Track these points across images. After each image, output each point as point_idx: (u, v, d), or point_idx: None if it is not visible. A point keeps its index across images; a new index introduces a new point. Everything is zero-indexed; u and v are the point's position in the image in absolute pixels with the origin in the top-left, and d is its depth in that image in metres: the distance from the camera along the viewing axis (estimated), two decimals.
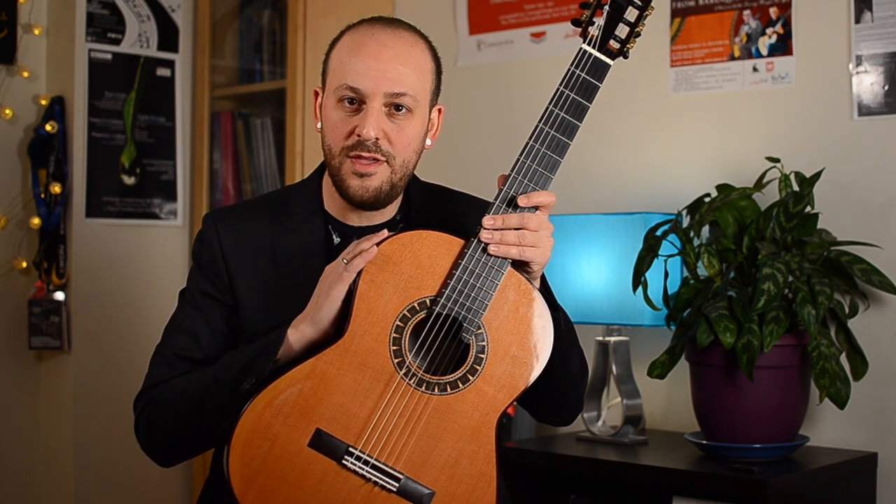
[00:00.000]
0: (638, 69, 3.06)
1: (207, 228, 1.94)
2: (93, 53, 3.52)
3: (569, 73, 1.77)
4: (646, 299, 2.63)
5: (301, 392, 1.69)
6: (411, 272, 1.73)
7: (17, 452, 3.50)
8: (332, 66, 1.89)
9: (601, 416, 2.90)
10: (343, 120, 1.85)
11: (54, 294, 3.45)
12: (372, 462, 1.70)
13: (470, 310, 1.72)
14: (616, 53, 1.79)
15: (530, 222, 1.74)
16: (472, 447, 1.72)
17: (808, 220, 2.63)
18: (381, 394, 1.70)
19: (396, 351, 1.71)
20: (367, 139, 1.82)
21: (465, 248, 1.73)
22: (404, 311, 1.72)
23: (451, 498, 1.71)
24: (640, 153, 3.07)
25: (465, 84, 3.40)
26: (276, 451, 1.68)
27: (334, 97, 1.86)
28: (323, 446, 1.69)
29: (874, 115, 2.72)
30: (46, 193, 3.46)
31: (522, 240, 1.73)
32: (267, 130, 3.64)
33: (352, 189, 1.86)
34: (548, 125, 1.76)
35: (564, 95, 1.77)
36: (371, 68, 1.83)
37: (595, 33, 1.78)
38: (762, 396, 2.52)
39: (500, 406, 1.74)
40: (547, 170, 1.76)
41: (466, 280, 1.72)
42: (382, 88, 1.82)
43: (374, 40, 1.85)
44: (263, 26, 3.66)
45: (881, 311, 2.69)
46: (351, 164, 1.84)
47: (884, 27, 2.71)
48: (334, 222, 1.94)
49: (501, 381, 1.74)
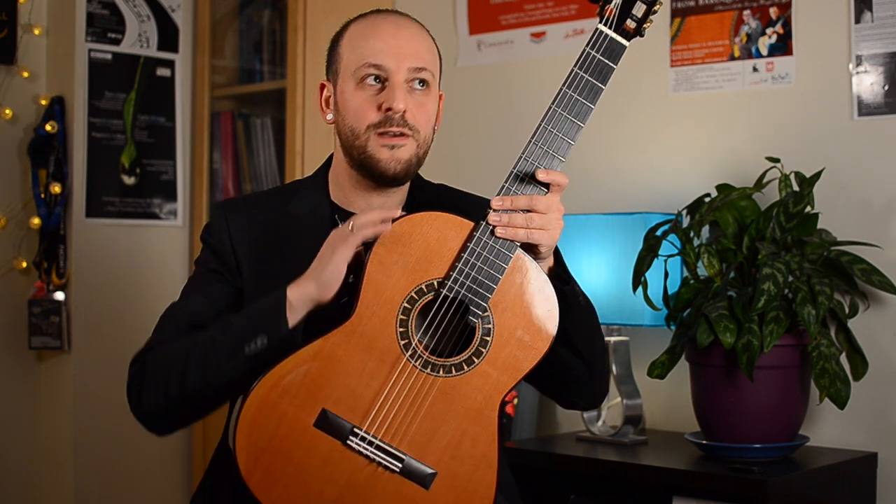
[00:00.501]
0: (638, 69, 3.06)
1: (216, 216, 1.98)
2: (93, 53, 3.52)
3: (584, 53, 1.76)
4: (646, 299, 2.63)
5: (308, 372, 1.70)
6: (420, 254, 1.73)
7: (17, 452, 3.50)
8: (343, 54, 1.91)
9: (601, 416, 2.90)
10: (367, 99, 1.87)
11: (54, 294, 3.45)
12: (376, 443, 1.71)
13: (477, 293, 1.73)
14: (633, 34, 1.78)
15: (539, 204, 1.73)
16: (475, 429, 1.73)
17: (808, 220, 2.63)
18: (387, 375, 1.71)
19: (403, 333, 1.72)
20: (397, 111, 1.85)
21: (475, 230, 1.73)
22: (412, 292, 1.73)
23: (452, 478, 1.72)
24: (640, 153, 3.07)
25: (465, 84, 3.40)
26: (283, 431, 1.69)
27: (353, 80, 1.88)
28: (328, 426, 1.70)
29: (874, 115, 2.72)
30: (46, 193, 3.46)
31: (530, 222, 1.73)
32: (267, 130, 3.64)
33: (383, 162, 1.88)
34: (561, 106, 1.76)
35: (579, 76, 1.76)
36: (391, 45, 1.87)
37: (613, 11, 1.76)
38: (762, 396, 2.52)
39: (503, 388, 1.75)
40: (558, 153, 1.76)
41: (474, 263, 1.72)
42: (405, 64, 1.87)
43: (388, 22, 1.90)
44: (263, 26, 3.66)
45: (881, 311, 2.69)
46: (379, 139, 1.87)
47: (884, 27, 2.71)
48: (342, 212, 1.96)
49: (506, 363, 1.74)
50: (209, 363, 1.77)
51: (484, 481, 1.73)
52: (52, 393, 3.51)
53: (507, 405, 3.03)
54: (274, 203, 1.98)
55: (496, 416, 1.75)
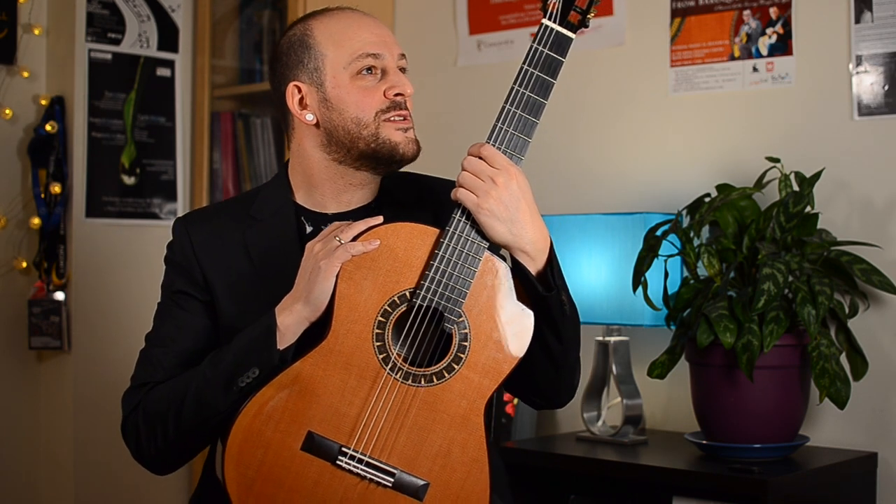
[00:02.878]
0: (638, 69, 3.06)
1: (177, 231, 1.96)
2: (93, 53, 3.51)
3: (531, 49, 1.77)
4: (646, 299, 2.63)
5: (289, 396, 1.70)
6: (389, 266, 1.73)
7: (17, 452, 3.50)
8: (326, 52, 1.89)
9: (601, 416, 2.90)
10: (368, 89, 1.88)
11: (54, 294, 3.45)
12: (366, 460, 1.70)
13: (450, 299, 1.72)
14: (578, 25, 1.78)
15: (469, 163, 1.75)
16: (463, 435, 1.73)
17: (808, 220, 2.63)
18: (368, 391, 1.71)
19: (380, 347, 1.72)
20: (409, 95, 1.89)
21: (441, 237, 1.73)
22: (385, 305, 1.72)
23: (445, 487, 1.72)
24: (640, 153, 3.07)
25: (465, 84, 3.40)
26: (270, 458, 1.69)
27: (348, 73, 1.88)
28: (316, 448, 1.70)
29: (874, 115, 2.72)
30: (46, 193, 3.46)
31: (459, 178, 1.75)
32: (267, 130, 3.64)
33: (401, 145, 1.89)
34: (514, 105, 1.78)
35: (528, 73, 1.77)
36: (377, 35, 1.90)
37: (556, 5, 1.77)
38: (762, 396, 2.52)
39: (486, 392, 1.74)
40: (516, 151, 1.77)
41: (444, 270, 1.72)
42: (395, 51, 1.91)
43: (360, 15, 1.93)
44: (263, 26, 3.66)
45: (881, 311, 2.69)
46: (392, 124, 1.88)
47: (884, 27, 2.71)
48: (306, 213, 1.94)
49: (486, 366, 1.74)
50: (204, 402, 1.77)
51: (477, 486, 1.73)
52: (52, 393, 3.51)
53: (507, 405, 3.04)
54: (234, 210, 1.96)
55: (482, 421, 1.74)
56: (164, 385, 1.84)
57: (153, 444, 1.84)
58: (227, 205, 2.03)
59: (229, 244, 1.91)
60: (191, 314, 1.90)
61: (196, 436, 1.81)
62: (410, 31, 3.50)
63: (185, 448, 1.85)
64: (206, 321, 1.90)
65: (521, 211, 1.74)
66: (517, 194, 1.74)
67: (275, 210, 1.94)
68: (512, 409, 3.02)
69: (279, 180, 1.99)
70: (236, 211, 1.96)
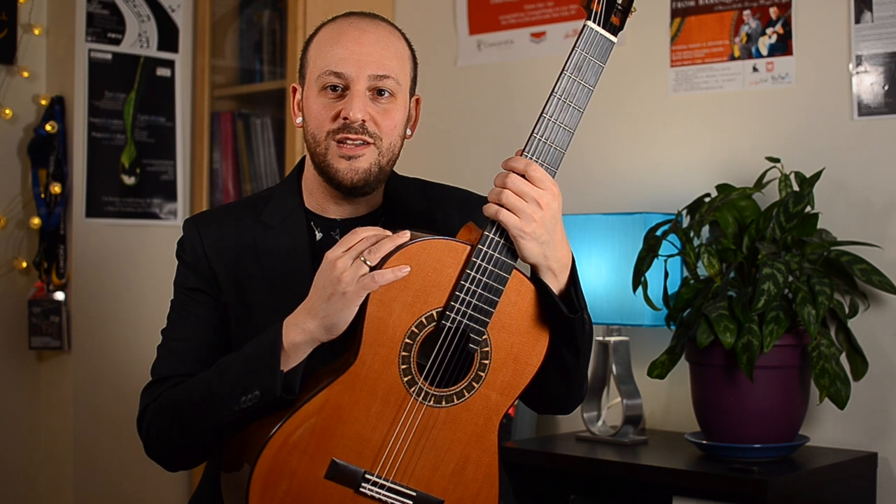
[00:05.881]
0: (638, 69, 3.06)
1: (188, 231, 1.94)
2: (93, 53, 3.51)
3: (574, 54, 1.71)
4: (646, 299, 2.63)
5: (315, 426, 1.67)
6: (419, 286, 1.69)
7: (17, 452, 3.50)
8: (311, 59, 1.89)
9: (601, 416, 2.90)
10: (326, 106, 1.84)
11: (54, 294, 3.45)
12: (388, 485, 1.69)
13: (476, 319, 1.70)
14: (619, 27, 1.72)
15: (513, 183, 1.67)
16: (477, 452, 1.73)
17: (808, 220, 2.63)
18: (394, 416, 1.69)
19: (405, 370, 1.69)
20: (353, 121, 1.81)
21: (472, 255, 1.69)
22: (412, 327, 1.69)
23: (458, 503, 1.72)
24: (640, 153, 3.07)
25: (465, 84, 3.40)
26: (295, 488, 1.67)
27: (316, 86, 1.85)
28: (339, 476, 1.68)
29: (874, 115, 2.72)
30: (46, 193, 3.46)
31: (501, 197, 1.67)
32: (267, 130, 3.64)
33: (340, 173, 1.84)
34: (553, 115, 1.71)
35: (571, 81, 1.71)
36: (353, 52, 1.83)
37: (601, 4, 1.70)
38: (762, 396, 2.52)
39: (502, 409, 1.74)
40: (553, 165, 1.71)
41: (474, 290, 1.69)
42: (366, 71, 1.83)
43: (353, 27, 1.86)
44: (263, 26, 3.66)
45: (881, 311, 2.69)
46: (338, 148, 1.84)
47: (884, 27, 2.71)
48: (316, 218, 1.93)
49: (504, 384, 1.73)
50: (207, 414, 1.76)
51: (488, 500, 1.74)
52: (52, 393, 3.51)
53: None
54: (246, 214, 1.94)
55: (496, 437, 1.74)
56: (175, 389, 1.84)
57: (161, 444, 1.85)
58: (240, 207, 2.00)
59: (239, 248, 1.90)
60: (207, 309, 1.90)
61: (203, 441, 1.81)
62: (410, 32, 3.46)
63: (193, 450, 1.85)
64: (223, 315, 1.90)
65: (557, 232, 1.71)
66: (557, 216, 1.70)
67: (285, 216, 1.92)
68: (512, 410, 3.02)
69: (292, 182, 1.97)
70: (248, 214, 1.94)
